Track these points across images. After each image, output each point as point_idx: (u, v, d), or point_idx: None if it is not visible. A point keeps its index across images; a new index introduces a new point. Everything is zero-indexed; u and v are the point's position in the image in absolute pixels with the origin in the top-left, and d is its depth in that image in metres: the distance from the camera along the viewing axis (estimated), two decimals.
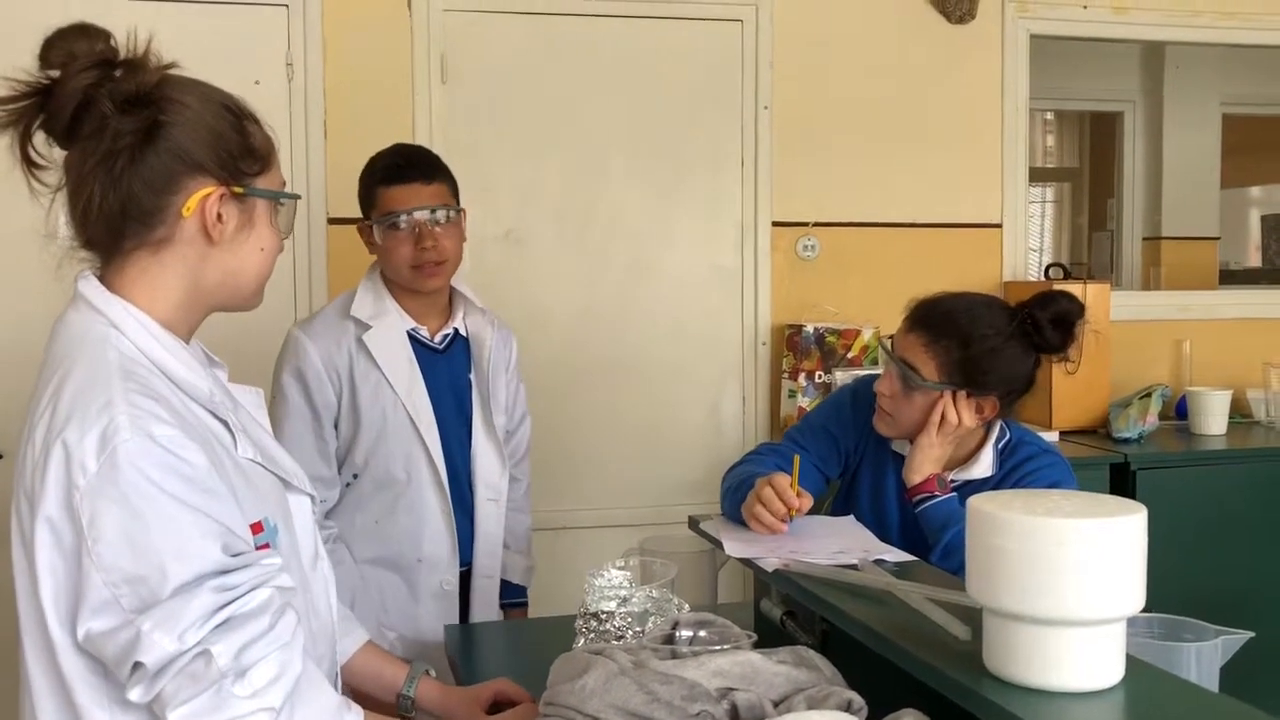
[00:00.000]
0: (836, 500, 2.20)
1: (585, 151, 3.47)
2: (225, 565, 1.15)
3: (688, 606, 1.67)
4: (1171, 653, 1.49)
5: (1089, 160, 6.44)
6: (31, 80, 1.23)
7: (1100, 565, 1.17)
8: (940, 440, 1.98)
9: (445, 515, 2.27)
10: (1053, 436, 3.40)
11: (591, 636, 1.64)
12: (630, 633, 1.62)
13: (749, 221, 3.58)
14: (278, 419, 2.20)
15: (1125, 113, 5.56)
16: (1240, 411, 3.80)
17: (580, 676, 1.33)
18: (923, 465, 1.99)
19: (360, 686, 1.70)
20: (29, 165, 1.25)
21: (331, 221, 3.27)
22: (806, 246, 3.63)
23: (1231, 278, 5.92)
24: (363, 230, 2.30)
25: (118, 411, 1.16)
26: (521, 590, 2.46)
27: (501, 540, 2.37)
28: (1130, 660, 1.25)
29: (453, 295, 2.34)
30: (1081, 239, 6.37)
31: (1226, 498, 3.36)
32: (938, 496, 1.97)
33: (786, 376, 3.53)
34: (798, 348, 3.51)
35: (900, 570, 1.68)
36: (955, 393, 1.97)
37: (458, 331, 2.34)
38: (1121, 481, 3.28)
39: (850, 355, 3.51)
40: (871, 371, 3.24)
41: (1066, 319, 1.96)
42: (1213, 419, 3.62)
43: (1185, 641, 1.52)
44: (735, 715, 1.29)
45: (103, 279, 1.29)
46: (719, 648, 1.41)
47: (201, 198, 1.27)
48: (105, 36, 1.24)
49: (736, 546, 1.87)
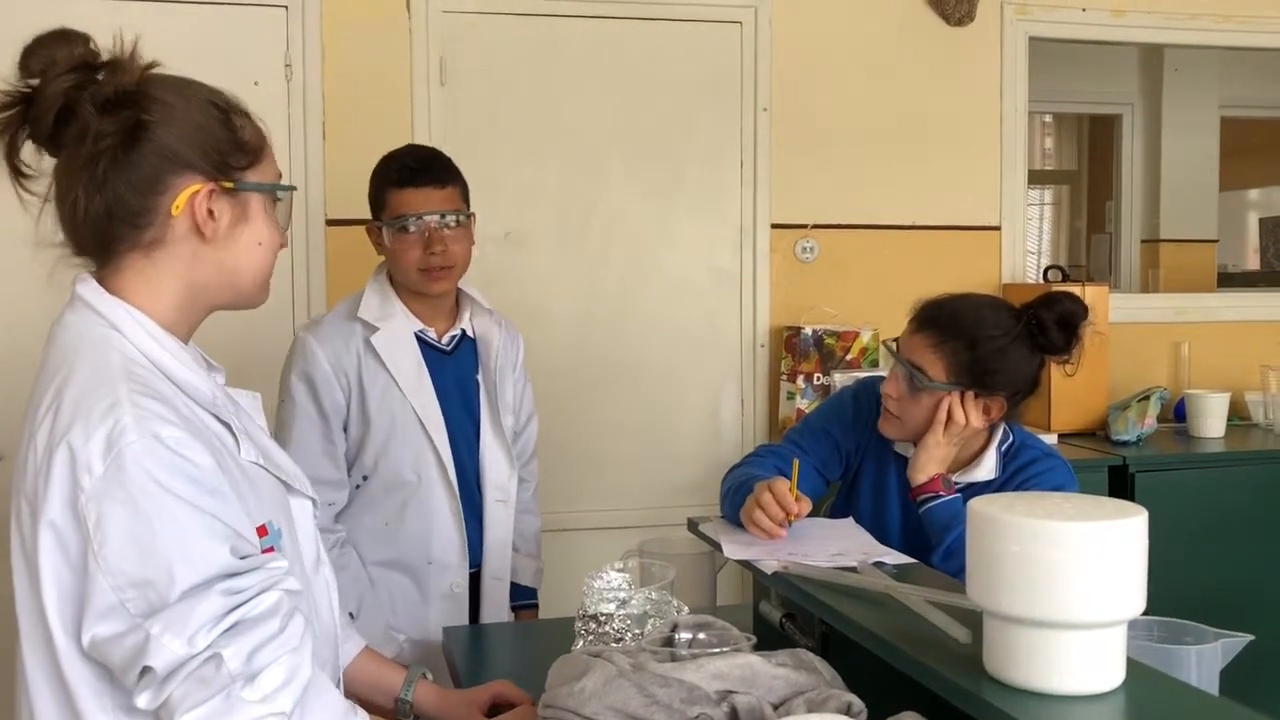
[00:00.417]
0: (836, 502, 2.19)
1: (584, 153, 3.47)
2: (233, 568, 1.14)
3: (687, 609, 1.66)
4: (1171, 656, 1.48)
5: (1088, 163, 6.45)
6: (11, 89, 1.21)
7: (1101, 568, 1.17)
8: (947, 440, 1.98)
9: (455, 517, 2.26)
10: (1051, 439, 3.40)
11: (590, 639, 1.64)
12: (629, 635, 1.62)
13: (748, 223, 3.58)
14: (285, 422, 2.20)
15: (1124, 115, 5.57)
16: (1238, 414, 3.80)
17: (579, 679, 1.33)
18: (927, 465, 1.98)
19: (358, 692, 1.69)
20: (17, 175, 1.23)
21: (330, 223, 3.26)
22: (805, 248, 3.63)
23: (1230, 280, 5.93)
24: (371, 230, 2.28)
25: (123, 413, 1.14)
26: (532, 592, 2.45)
27: (510, 542, 2.36)
28: (1131, 663, 1.24)
29: (459, 296, 2.34)
30: (1080, 241, 6.38)
31: (1225, 500, 3.36)
32: (942, 496, 1.96)
33: (785, 378, 3.53)
34: (796, 349, 3.51)
35: (900, 573, 1.68)
36: (963, 393, 1.97)
37: (465, 333, 2.33)
38: (1120, 484, 3.28)
39: (849, 357, 3.51)
40: (871, 373, 3.24)
41: (1071, 320, 1.96)
42: (1211, 421, 3.62)
43: (1185, 645, 1.51)
44: (734, 718, 1.29)
45: (100, 282, 1.28)
46: (718, 650, 1.40)
47: (190, 195, 1.25)
48: (85, 40, 1.22)
49: (736, 549, 1.86)
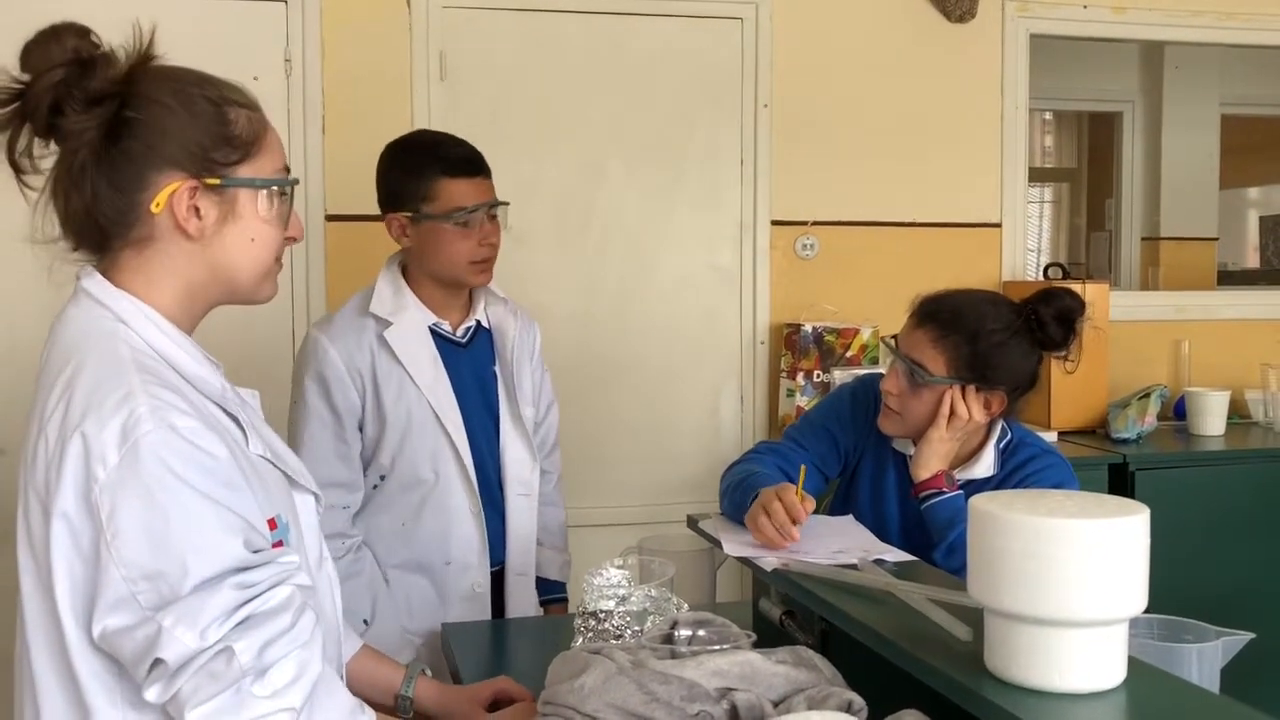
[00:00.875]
0: (835, 499, 2.19)
1: (584, 149, 3.47)
2: (246, 561, 1.14)
3: (686, 606, 1.66)
4: (1172, 654, 1.48)
5: (1088, 160, 6.45)
6: (8, 86, 1.21)
7: (1103, 566, 1.17)
8: (950, 435, 1.97)
9: (475, 515, 2.21)
10: (1051, 436, 3.40)
11: (590, 636, 1.63)
12: (629, 632, 1.62)
13: (748, 220, 3.58)
14: (298, 424, 2.16)
15: (1124, 113, 5.56)
16: (1238, 412, 3.80)
17: (579, 676, 1.32)
18: (930, 461, 1.98)
19: (358, 690, 1.68)
20: (17, 172, 1.23)
21: (329, 218, 3.26)
22: (805, 245, 3.62)
23: (1230, 278, 5.93)
24: (394, 224, 2.18)
25: (138, 403, 1.14)
26: (560, 586, 2.40)
27: (534, 537, 2.32)
28: (1132, 661, 1.24)
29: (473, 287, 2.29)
30: (1080, 239, 6.38)
31: (1225, 498, 3.36)
32: (945, 493, 1.96)
33: (785, 375, 3.53)
34: (796, 347, 3.50)
35: (900, 570, 1.68)
36: (964, 387, 1.96)
37: (480, 324, 2.29)
38: (1120, 482, 3.28)
39: (849, 354, 3.50)
40: (870, 370, 3.24)
41: (1068, 315, 1.97)
42: (1211, 419, 3.62)
43: (1186, 643, 1.51)
44: (734, 715, 1.28)
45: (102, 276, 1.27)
46: (718, 647, 1.40)
47: (170, 193, 1.24)
48: (81, 33, 1.21)
49: (735, 546, 1.86)
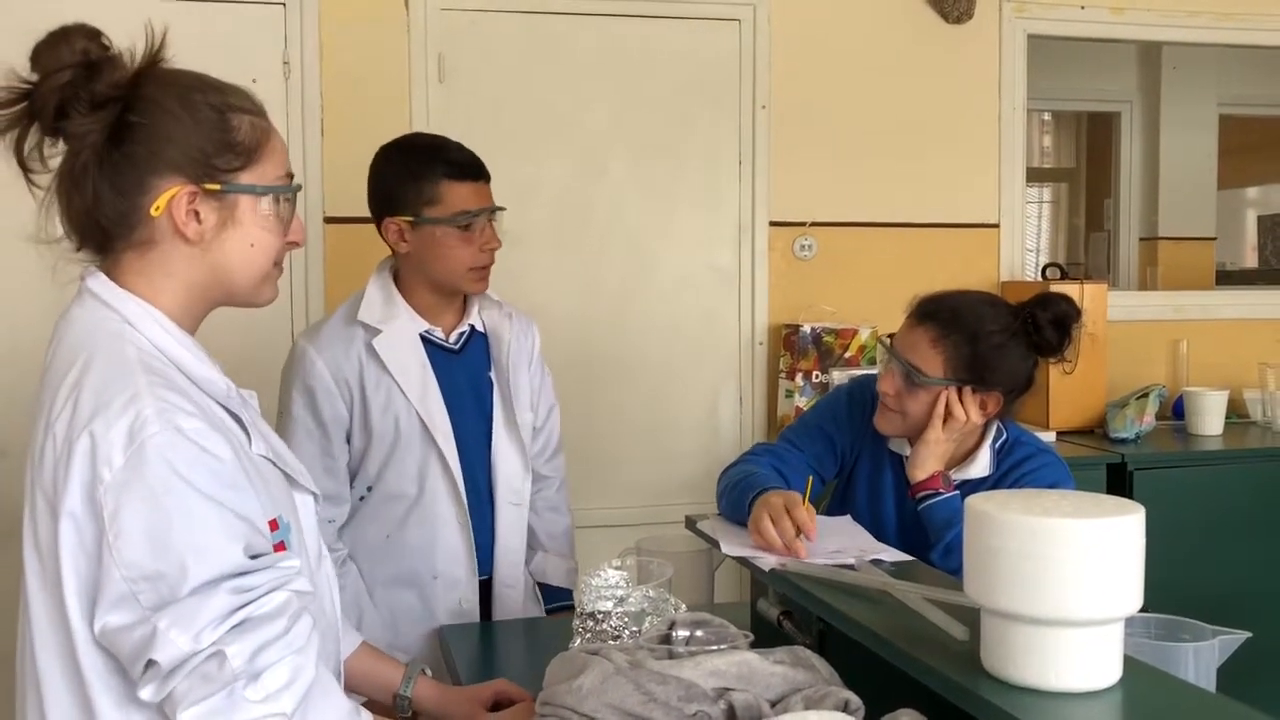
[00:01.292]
0: (833, 501, 2.19)
1: (583, 151, 3.47)
2: (245, 566, 1.15)
3: (684, 606, 1.66)
4: (1169, 653, 1.48)
5: (1086, 160, 6.45)
6: (13, 87, 1.21)
7: (1099, 565, 1.17)
8: (946, 436, 1.98)
9: (462, 529, 2.18)
10: (1050, 436, 3.40)
11: (588, 636, 1.64)
12: (627, 633, 1.62)
13: (746, 221, 3.58)
14: (284, 435, 2.12)
15: (1122, 113, 5.57)
16: (1237, 412, 3.80)
17: (577, 676, 1.33)
18: (927, 461, 1.98)
19: (356, 688, 1.69)
20: (25, 171, 1.24)
21: (328, 220, 3.26)
22: (804, 246, 3.62)
23: (1228, 278, 5.93)
24: (391, 228, 2.14)
25: (145, 405, 1.15)
26: (566, 593, 2.33)
27: (523, 548, 2.29)
28: (1128, 660, 1.25)
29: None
30: (1078, 239, 6.38)
31: (1223, 498, 3.36)
32: (942, 494, 1.96)
33: (783, 376, 3.53)
34: (795, 347, 3.51)
35: (897, 570, 1.68)
36: (960, 388, 1.97)
37: (473, 328, 2.26)
38: (1118, 481, 3.28)
39: (847, 355, 3.51)
40: (868, 371, 3.24)
41: (1065, 321, 1.97)
42: (1209, 419, 3.62)
43: (1183, 642, 1.52)
44: (732, 715, 1.29)
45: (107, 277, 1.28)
46: (716, 648, 1.40)
47: (169, 198, 1.24)
48: (91, 35, 1.22)
49: (733, 546, 1.86)
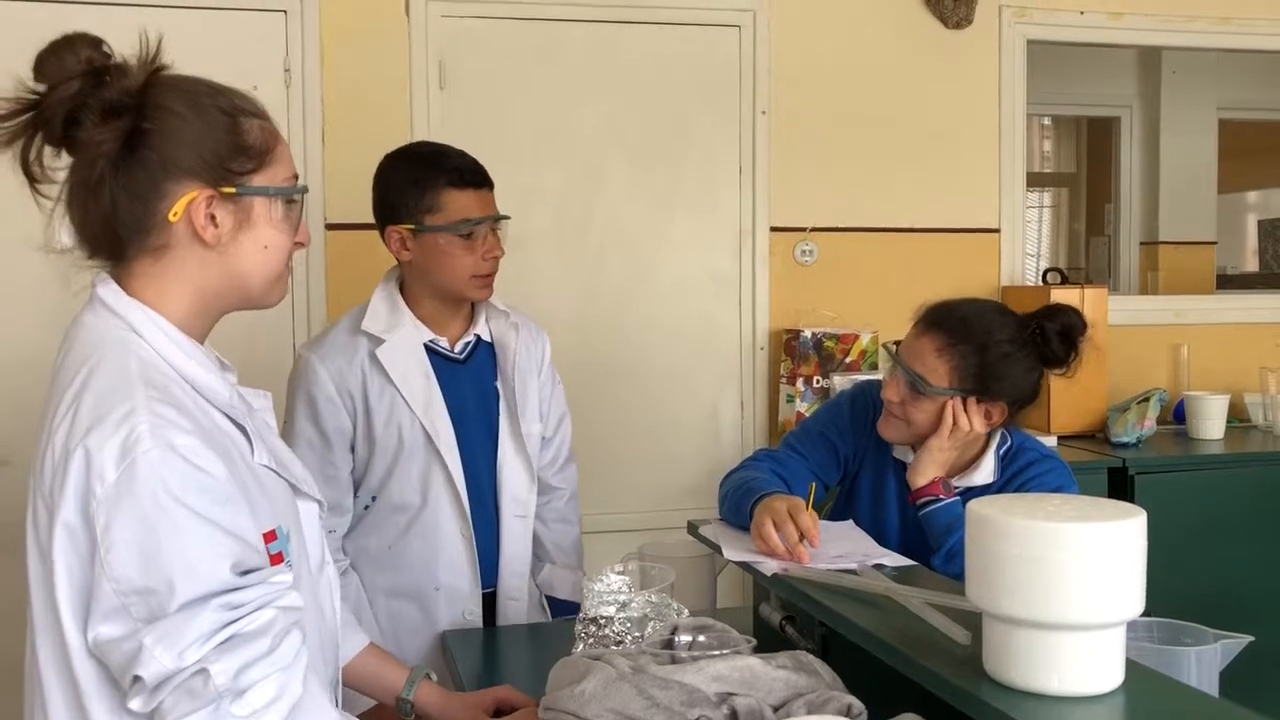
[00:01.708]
0: (835, 506, 2.20)
1: (583, 157, 3.47)
2: (233, 583, 1.15)
3: (687, 611, 1.66)
4: (1171, 657, 1.48)
5: (1086, 165, 6.44)
6: (20, 97, 1.22)
7: (1100, 569, 1.17)
8: (950, 445, 1.98)
9: (465, 540, 2.17)
10: (1051, 441, 3.40)
11: (591, 642, 1.64)
12: (629, 638, 1.62)
13: (747, 226, 3.59)
14: (288, 444, 2.10)
15: (1122, 118, 5.56)
16: (1238, 416, 3.81)
17: (579, 682, 1.33)
18: (928, 468, 1.98)
19: (360, 688, 1.70)
20: (31, 180, 1.24)
21: (330, 227, 3.27)
22: (804, 251, 3.63)
23: (1229, 282, 5.92)
24: (394, 236, 2.13)
25: (139, 420, 1.15)
26: (573, 607, 2.28)
27: (528, 560, 2.27)
28: (1130, 665, 1.25)
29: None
30: (1079, 244, 6.37)
31: (1224, 502, 3.36)
32: (942, 500, 1.96)
33: (785, 381, 3.53)
34: (796, 352, 3.51)
35: (899, 575, 1.69)
36: (965, 398, 1.97)
37: (480, 338, 2.24)
38: (1120, 486, 3.28)
39: (848, 360, 3.51)
40: (869, 376, 3.24)
41: (1071, 333, 1.97)
42: (1210, 423, 3.62)
43: (1184, 646, 1.52)
44: None
45: (117, 284, 1.29)
46: (718, 653, 1.41)
47: (188, 202, 1.25)
48: (94, 44, 1.23)
49: (735, 551, 1.87)
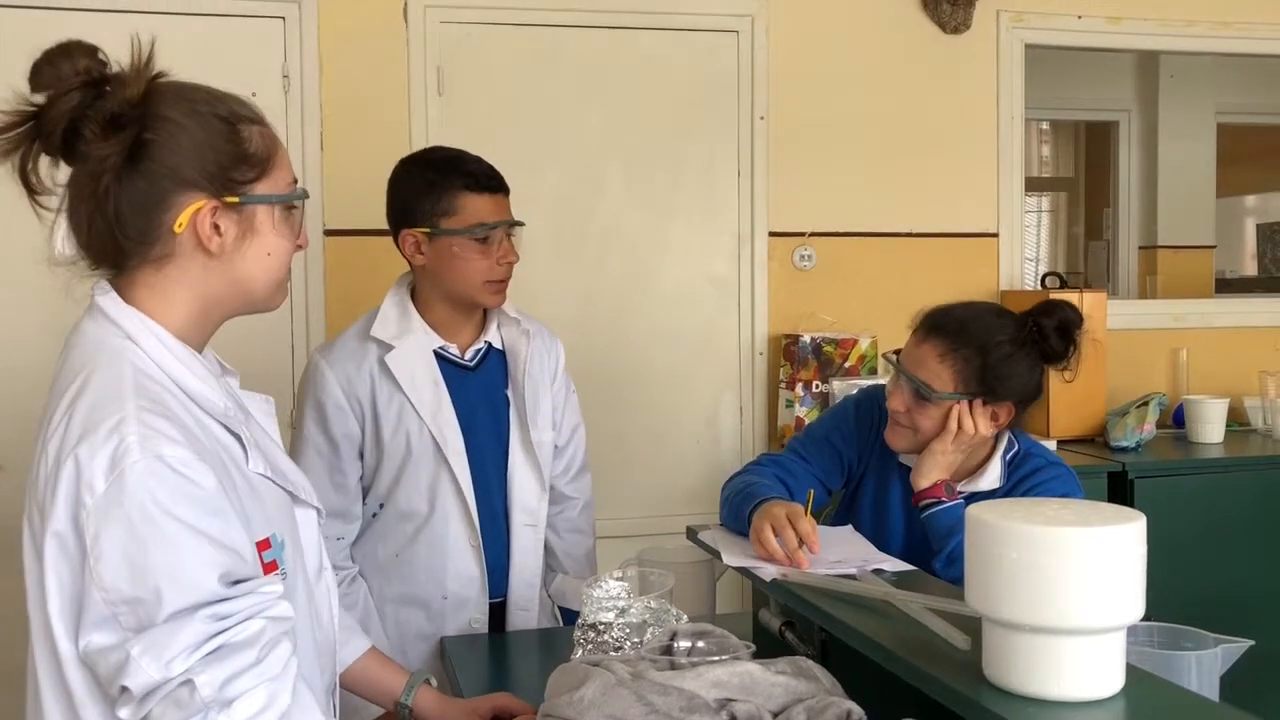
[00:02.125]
0: (838, 512, 2.19)
1: (582, 162, 3.48)
2: (221, 594, 1.15)
3: (686, 617, 1.66)
4: (1171, 661, 1.48)
5: (1085, 169, 6.45)
6: (19, 108, 1.22)
7: (1100, 574, 1.17)
8: (954, 448, 1.97)
9: (474, 549, 2.16)
10: (1051, 445, 3.39)
11: (589, 648, 1.63)
12: (628, 644, 1.62)
13: (745, 231, 3.59)
14: (295, 450, 2.12)
15: (1120, 122, 5.56)
16: (1237, 420, 3.80)
17: (578, 688, 1.32)
18: (931, 470, 1.98)
19: (359, 692, 1.70)
20: (30, 192, 1.24)
21: (328, 233, 3.27)
22: (803, 256, 3.63)
23: (1227, 286, 5.92)
24: (408, 240, 2.12)
25: (129, 431, 1.16)
26: None
27: (539, 569, 2.26)
28: (1130, 669, 1.25)
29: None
30: (1078, 248, 6.38)
31: (1224, 506, 3.36)
32: (945, 502, 1.96)
33: (784, 386, 3.53)
34: (795, 357, 3.51)
35: (899, 580, 1.68)
36: (971, 401, 1.96)
37: (491, 345, 2.22)
38: (1119, 490, 3.28)
39: (848, 365, 3.51)
40: (872, 381, 3.24)
41: (1068, 327, 1.97)
42: (1210, 427, 3.62)
43: (1185, 650, 1.51)
44: None
45: (117, 292, 1.29)
46: (717, 658, 1.40)
47: (192, 213, 1.26)
48: (90, 52, 1.22)
49: (735, 557, 1.86)
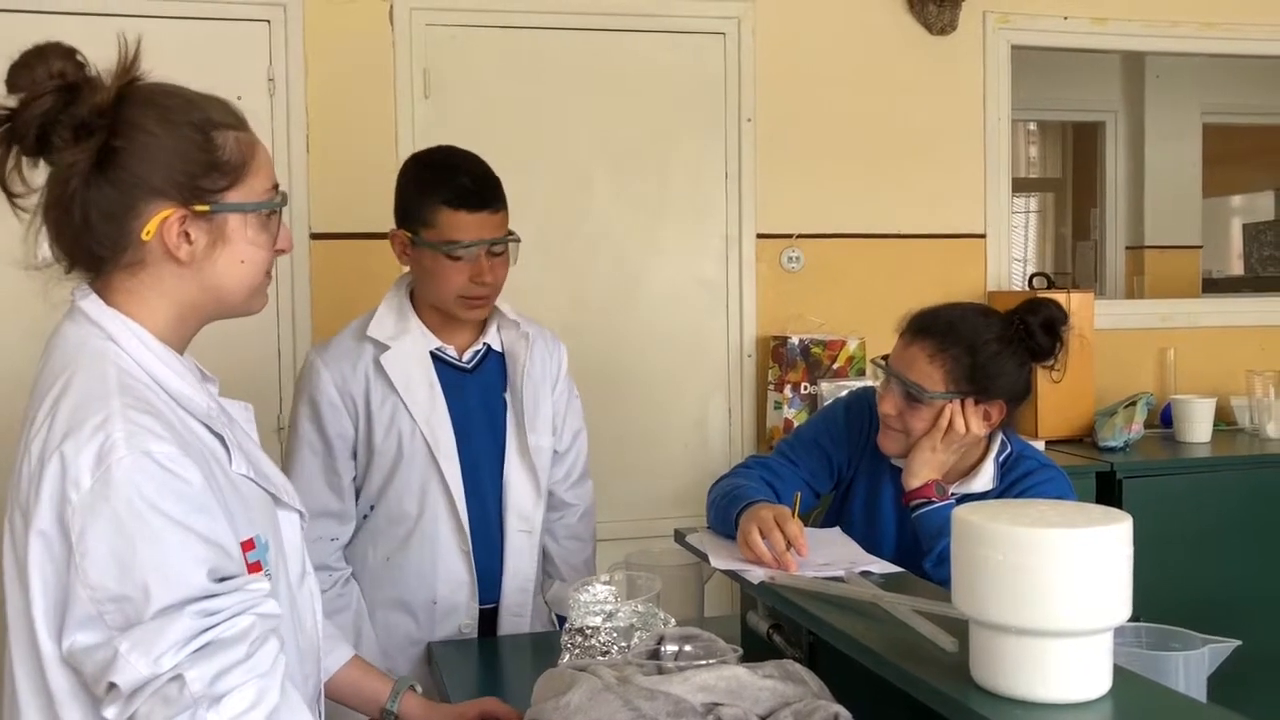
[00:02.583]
0: (828, 514, 2.18)
1: (569, 164, 3.47)
2: (209, 590, 1.15)
3: (673, 621, 1.66)
4: (1159, 662, 1.48)
5: (1071, 170, 6.47)
6: None
7: (1086, 575, 1.17)
8: (944, 447, 1.96)
9: (463, 554, 2.14)
10: (1039, 446, 3.40)
11: (576, 652, 1.63)
12: (615, 648, 1.61)
13: (733, 234, 3.58)
14: (290, 449, 2.12)
15: (1107, 123, 5.58)
16: (1224, 419, 3.81)
17: (565, 693, 1.32)
18: (921, 470, 1.97)
19: (344, 700, 1.69)
20: (9, 195, 1.23)
21: (314, 237, 3.26)
22: (791, 258, 3.63)
23: (1214, 286, 5.95)
24: (398, 240, 2.11)
25: (114, 428, 1.15)
26: None
27: (533, 575, 2.24)
28: (1118, 670, 1.24)
29: None
30: (1065, 248, 6.39)
31: (1212, 505, 3.37)
32: (935, 502, 1.95)
33: (772, 388, 3.53)
34: (783, 359, 3.51)
35: (887, 582, 1.68)
36: (963, 401, 1.96)
37: (490, 347, 2.19)
38: (1107, 490, 3.29)
39: (836, 366, 3.51)
40: (861, 383, 3.24)
41: (1054, 324, 1.98)
42: (1197, 426, 3.63)
43: (1172, 651, 1.52)
44: None
45: (96, 295, 1.28)
46: (705, 663, 1.40)
47: (160, 221, 1.24)
48: (67, 55, 1.21)
49: (723, 560, 1.86)
